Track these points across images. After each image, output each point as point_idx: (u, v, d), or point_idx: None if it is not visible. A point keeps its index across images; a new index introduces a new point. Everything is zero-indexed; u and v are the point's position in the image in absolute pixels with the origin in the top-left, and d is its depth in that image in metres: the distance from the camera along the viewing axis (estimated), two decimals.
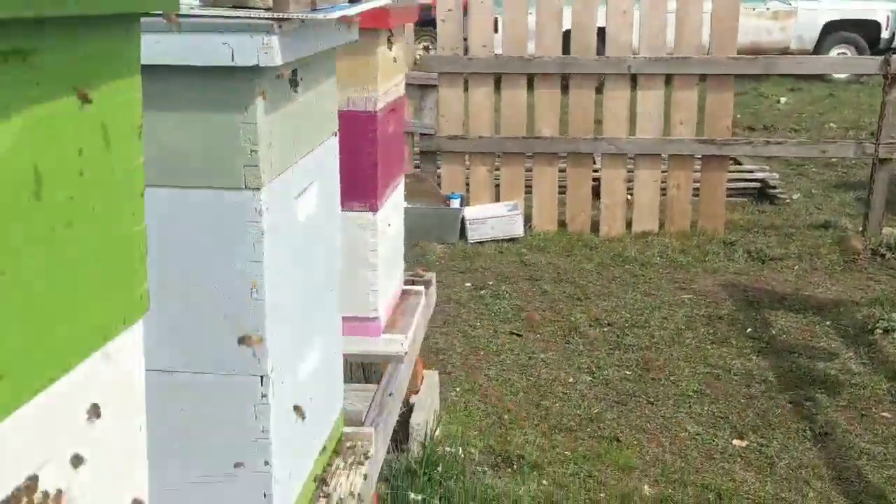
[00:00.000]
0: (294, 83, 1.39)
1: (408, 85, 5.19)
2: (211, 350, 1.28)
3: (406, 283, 2.72)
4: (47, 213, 0.60)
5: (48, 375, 0.64)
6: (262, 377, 1.30)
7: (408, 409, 2.79)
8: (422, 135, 5.20)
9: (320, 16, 1.20)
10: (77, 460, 0.68)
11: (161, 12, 0.71)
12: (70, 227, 0.62)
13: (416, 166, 5.36)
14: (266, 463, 1.34)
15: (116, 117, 0.68)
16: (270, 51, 1.14)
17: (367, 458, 1.75)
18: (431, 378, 3.00)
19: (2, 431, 0.59)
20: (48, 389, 0.64)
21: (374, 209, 2.16)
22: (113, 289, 0.70)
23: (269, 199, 1.25)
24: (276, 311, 1.31)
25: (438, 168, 5.30)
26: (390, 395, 2.10)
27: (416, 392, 2.85)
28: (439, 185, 5.22)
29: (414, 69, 5.27)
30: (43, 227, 0.60)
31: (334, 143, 1.62)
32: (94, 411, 0.69)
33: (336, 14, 1.29)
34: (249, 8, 1.25)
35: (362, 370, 2.61)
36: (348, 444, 1.79)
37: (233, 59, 1.14)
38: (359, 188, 2.13)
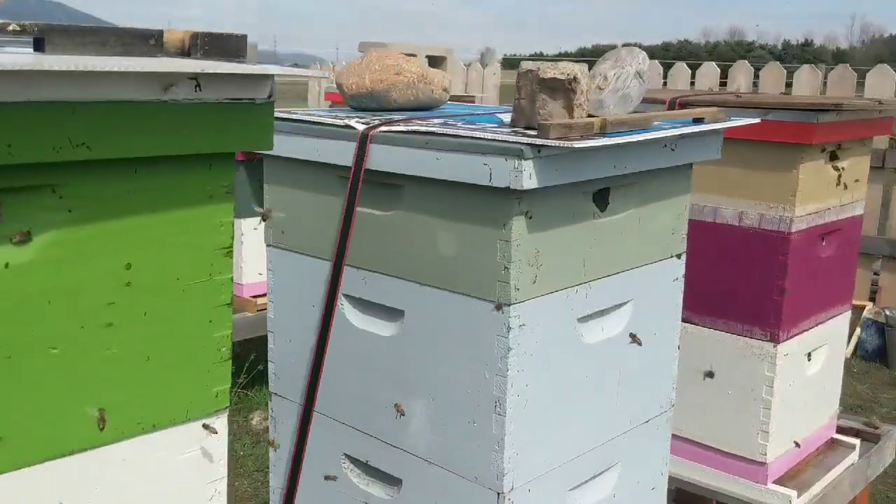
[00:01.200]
0: (601, 202, 1.35)
1: None
2: (456, 451, 1.32)
3: (847, 431, 2.30)
4: (77, 315, 0.74)
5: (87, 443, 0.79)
6: (498, 494, 1.29)
7: None
8: None
9: (593, 144, 1.14)
10: None
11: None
12: (110, 328, 0.76)
13: None
14: None
15: (193, 238, 0.80)
16: (520, 175, 1.14)
17: None
18: None
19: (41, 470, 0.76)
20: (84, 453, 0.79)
21: (775, 340, 1.90)
22: (179, 384, 0.82)
23: (525, 317, 1.24)
24: (522, 429, 1.28)
25: None
26: None
27: None
28: None
29: None
30: (71, 326, 0.74)
31: (671, 265, 1.50)
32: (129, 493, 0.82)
33: (627, 138, 1.22)
34: (535, 130, 1.26)
35: None
36: None
37: (490, 180, 1.17)
38: (760, 315, 1.91)
